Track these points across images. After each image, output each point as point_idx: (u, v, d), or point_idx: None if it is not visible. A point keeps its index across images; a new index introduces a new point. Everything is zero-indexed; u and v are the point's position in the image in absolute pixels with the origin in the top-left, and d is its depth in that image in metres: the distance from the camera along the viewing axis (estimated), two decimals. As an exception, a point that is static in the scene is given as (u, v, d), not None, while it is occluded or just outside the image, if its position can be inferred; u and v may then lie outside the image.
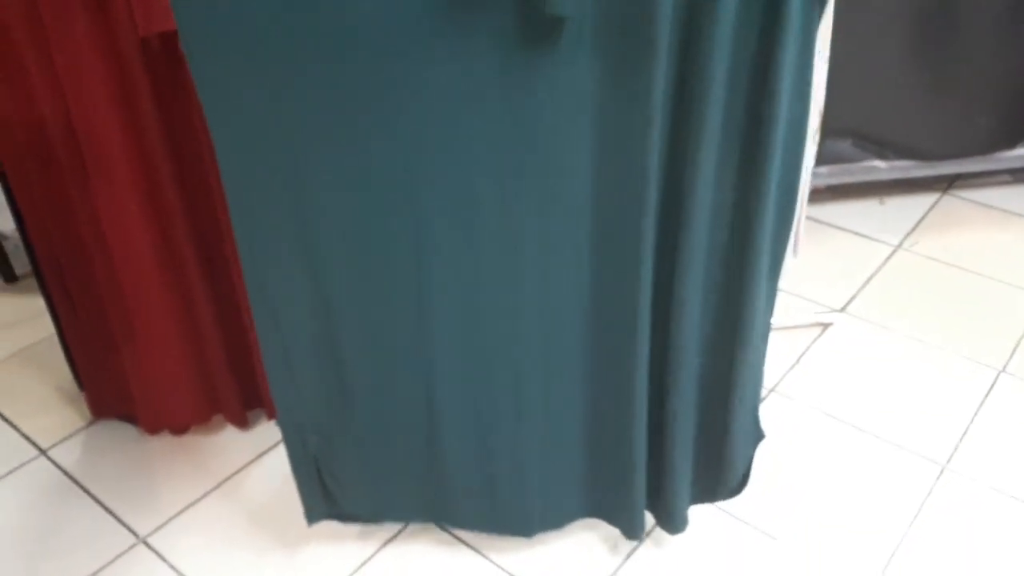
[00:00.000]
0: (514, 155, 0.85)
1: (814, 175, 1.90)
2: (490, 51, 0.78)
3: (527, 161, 0.86)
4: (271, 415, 1.44)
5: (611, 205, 0.89)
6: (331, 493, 1.14)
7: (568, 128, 0.84)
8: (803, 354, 1.56)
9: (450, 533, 1.24)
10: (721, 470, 1.12)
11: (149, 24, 1.04)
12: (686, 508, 1.15)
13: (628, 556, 1.20)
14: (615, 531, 1.20)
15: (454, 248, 0.91)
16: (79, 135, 1.11)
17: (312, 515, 1.16)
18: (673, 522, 1.15)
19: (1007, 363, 1.52)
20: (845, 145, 1.96)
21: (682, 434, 1.07)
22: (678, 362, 1.00)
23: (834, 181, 2.00)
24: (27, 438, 1.43)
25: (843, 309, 1.67)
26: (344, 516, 1.19)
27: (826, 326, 1.63)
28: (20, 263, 1.80)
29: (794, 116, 0.87)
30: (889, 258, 1.83)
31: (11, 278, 1.83)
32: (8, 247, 1.80)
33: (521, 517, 1.16)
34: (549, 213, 0.90)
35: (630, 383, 1.00)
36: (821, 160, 1.93)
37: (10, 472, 1.37)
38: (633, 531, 1.15)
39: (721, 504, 1.25)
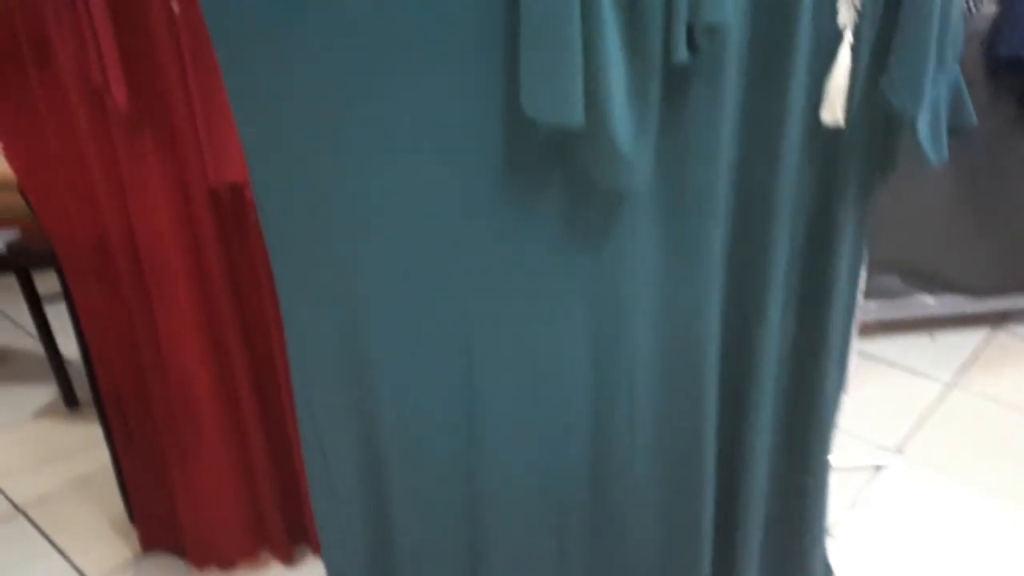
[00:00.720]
0: (572, 304, 0.87)
1: (863, 310, 1.90)
2: (551, 214, 0.81)
3: (586, 312, 0.87)
4: (316, 550, 1.44)
5: (672, 358, 0.90)
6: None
7: (628, 284, 0.85)
8: (857, 497, 1.52)
9: None
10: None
11: (220, 173, 1.10)
12: None
13: None
14: None
15: (506, 396, 0.92)
16: (144, 264, 1.17)
17: None
18: None
19: (1072, 511, 1.47)
20: (893, 279, 1.97)
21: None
22: (745, 505, 0.99)
23: (883, 316, 1.99)
24: (78, 570, 1.44)
25: (897, 450, 1.64)
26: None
27: (880, 468, 1.59)
28: (83, 388, 1.86)
29: (850, 265, 0.89)
30: (942, 396, 1.80)
31: (73, 403, 1.88)
32: (72, 373, 1.87)
33: None
34: (606, 358, 0.91)
35: (695, 523, 0.99)
36: (869, 294, 1.93)
37: (59, 606, 1.38)
38: None
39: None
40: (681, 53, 0.69)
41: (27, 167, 1.16)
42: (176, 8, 1.01)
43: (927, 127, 0.78)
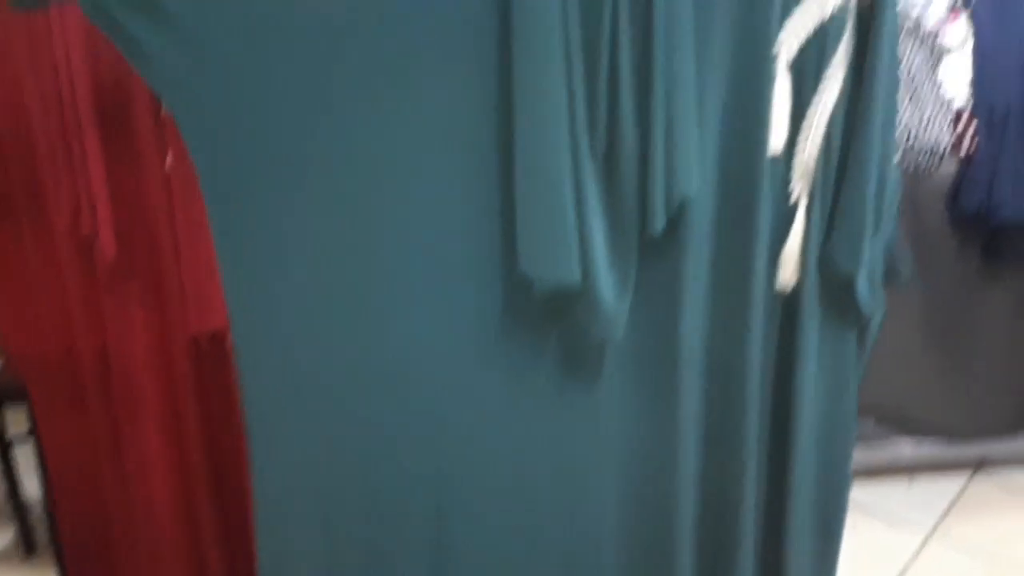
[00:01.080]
0: (542, 459, 0.87)
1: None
2: (533, 366, 0.82)
3: (554, 472, 0.87)
4: None
5: (642, 522, 0.89)
6: None
7: (594, 441, 0.85)
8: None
9: None
10: None
11: (202, 322, 1.11)
12: None
13: None
14: None
15: (473, 560, 0.90)
16: (117, 403, 1.16)
17: None
18: None
19: (1062, 669, 1.43)
20: (868, 424, 1.97)
21: None
22: None
23: (859, 461, 1.98)
24: None
25: (879, 603, 1.61)
26: None
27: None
28: (42, 534, 1.79)
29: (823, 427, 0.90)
30: (922, 548, 1.77)
31: (31, 549, 1.81)
32: (31, 519, 1.80)
33: None
34: (572, 523, 0.89)
35: None
36: (844, 440, 1.93)
37: None
38: None
39: None
40: (658, 225, 0.73)
41: (5, 301, 1.16)
42: (169, 160, 1.05)
43: (865, 284, 0.85)
